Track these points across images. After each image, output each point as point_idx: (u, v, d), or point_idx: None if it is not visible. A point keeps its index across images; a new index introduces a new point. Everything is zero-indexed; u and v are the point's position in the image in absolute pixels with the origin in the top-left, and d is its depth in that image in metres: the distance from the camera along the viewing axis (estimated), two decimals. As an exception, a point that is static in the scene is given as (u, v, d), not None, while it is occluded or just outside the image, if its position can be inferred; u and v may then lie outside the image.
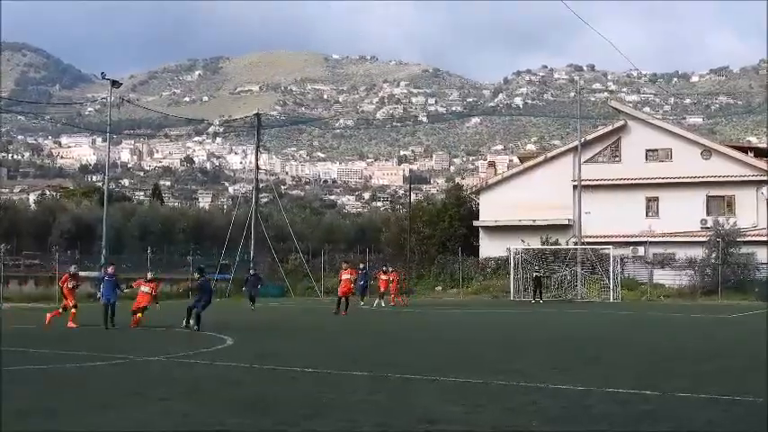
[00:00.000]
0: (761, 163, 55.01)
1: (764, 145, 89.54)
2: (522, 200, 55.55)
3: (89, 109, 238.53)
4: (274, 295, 50.21)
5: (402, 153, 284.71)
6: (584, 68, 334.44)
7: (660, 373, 14.91)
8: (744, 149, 60.13)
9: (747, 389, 12.76)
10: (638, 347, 20.09)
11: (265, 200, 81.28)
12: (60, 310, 25.88)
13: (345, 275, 34.32)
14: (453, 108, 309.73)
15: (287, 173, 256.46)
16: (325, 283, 53.27)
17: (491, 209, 58.25)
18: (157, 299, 26.38)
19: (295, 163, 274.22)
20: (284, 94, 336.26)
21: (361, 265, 42.36)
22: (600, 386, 12.96)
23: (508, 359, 17.40)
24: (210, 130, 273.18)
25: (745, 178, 53.25)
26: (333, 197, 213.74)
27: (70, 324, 24.95)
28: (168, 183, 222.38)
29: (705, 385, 13.19)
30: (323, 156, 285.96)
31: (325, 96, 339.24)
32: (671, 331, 26.04)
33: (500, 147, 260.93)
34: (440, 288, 54.93)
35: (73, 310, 25.36)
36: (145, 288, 25.86)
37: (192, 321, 23.58)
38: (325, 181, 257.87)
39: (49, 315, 25.77)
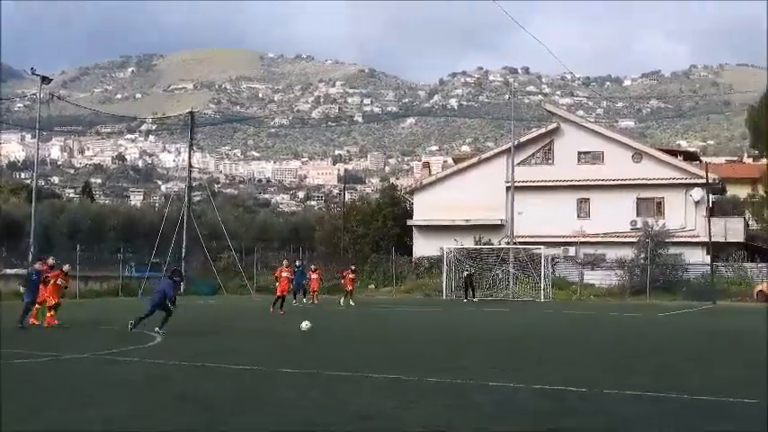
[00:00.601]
0: (690, 166, 56.09)
1: (694, 149, 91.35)
2: (456, 200, 55.86)
3: (18, 105, 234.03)
4: (206, 293, 49.81)
5: (337, 153, 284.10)
6: (519, 71, 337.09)
7: (591, 370, 15.07)
8: (674, 153, 61.24)
9: (675, 386, 12.96)
10: (570, 346, 20.31)
11: (198, 198, 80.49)
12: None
13: (285, 273, 34.19)
14: (389, 108, 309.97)
15: (221, 171, 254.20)
16: (258, 281, 53.02)
17: (425, 209, 58.49)
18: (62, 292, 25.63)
19: (229, 161, 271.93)
20: (218, 92, 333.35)
21: (297, 263, 42.13)
22: (531, 383, 13.05)
23: (441, 357, 17.45)
24: (143, 127, 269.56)
25: (675, 181, 54.21)
26: (267, 196, 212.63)
27: (46, 321, 24.40)
28: (99, 180, 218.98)
29: (634, 382, 13.35)
30: (257, 155, 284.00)
31: (260, 95, 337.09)
32: (602, 330, 26.37)
33: (435, 147, 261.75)
34: (373, 286, 54.99)
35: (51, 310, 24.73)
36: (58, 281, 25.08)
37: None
38: (260, 180, 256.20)
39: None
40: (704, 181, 52.07)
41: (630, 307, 40.02)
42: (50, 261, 26.42)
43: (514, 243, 51.97)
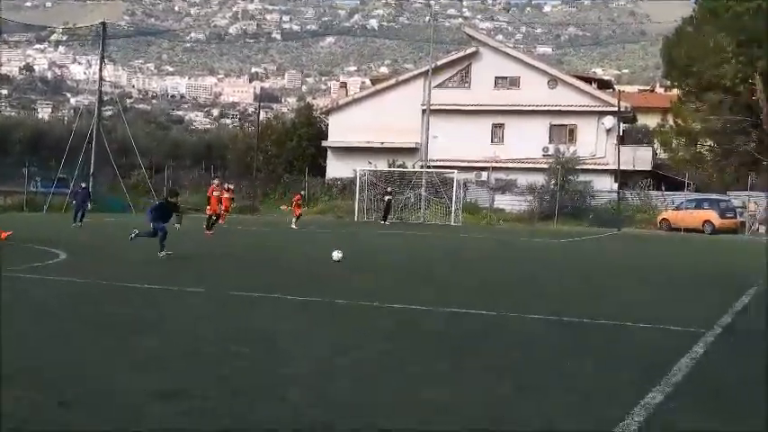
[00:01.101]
0: (603, 94, 56.76)
1: (609, 77, 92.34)
2: (372, 122, 55.70)
3: None
4: (115, 210, 48.95)
5: (254, 70, 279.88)
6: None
7: (494, 295, 15.24)
8: (588, 80, 61.92)
9: (576, 310, 13.18)
10: (477, 270, 20.52)
11: (109, 113, 78.56)
12: None
13: (216, 193, 33.74)
14: (308, 26, 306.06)
15: (133, 86, 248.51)
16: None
17: (340, 130, 58.19)
18: None
19: (142, 76, 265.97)
20: (133, 3, 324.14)
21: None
22: (437, 305, 13.13)
23: (353, 279, 17.45)
24: (53, 37, 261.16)
25: (588, 108, 54.84)
26: (180, 113, 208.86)
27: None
28: (5, 92, 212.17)
29: (537, 305, 13.53)
30: (171, 70, 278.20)
31: (177, 8, 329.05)
32: (509, 255, 26.69)
33: (353, 68, 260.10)
34: (285, 207, 54.65)
35: None
36: None
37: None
38: (173, 96, 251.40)
39: None
40: (616, 109, 52.73)
41: (539, 232, 40.62)
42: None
43: (428, 167, 52.12)
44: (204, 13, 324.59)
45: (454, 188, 48.75)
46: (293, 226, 38.12)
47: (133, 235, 20.99)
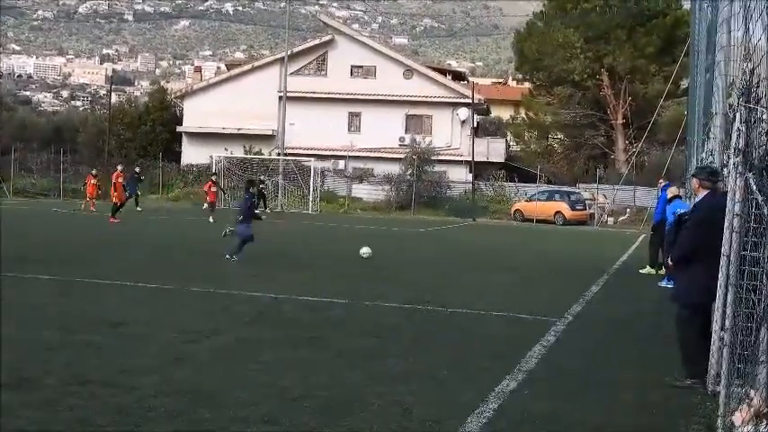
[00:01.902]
0: (458, 86, 57.67)
1: (463, 69, 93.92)
2: (228, 108, 54.99)
3: None
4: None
5: (105, 51, 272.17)
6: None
7: (353, 284, 15.31)
8: (443, 72, 62.75)
9: (430, 298, 13.37)
10: (337, 258, 20.57)
11: (-50, 91, 75.21)
12: None
13: (120, 179, 33.74)
14: (161, 9, 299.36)
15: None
16: (14, 183, 50.52)
17: (196, 115, 57.22)
18: None
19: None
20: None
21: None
22: (295, 294, 13.12)
23: (209, 266, 17.23)
24: None
25: (443, 99, 55.58)
26: (27, 93, 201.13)
27: None
28: None
29: (392, 294, 13.66)
30: (18, 48, 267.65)
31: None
32: (372, 243, 26.83)
33: (208, 52, 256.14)
34: (139, 193, 53.46)
35: None
36: None
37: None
38: (20, 75, 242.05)
39: None
40: (470, 101, 53.67)
41: (396, 221, 41.01)
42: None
43: (285, 154, 51.88)
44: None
45: (311, 176, 48.64)
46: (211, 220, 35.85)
47: (227, 231, 20.22)
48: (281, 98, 53.54)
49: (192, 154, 56.27)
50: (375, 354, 8.89)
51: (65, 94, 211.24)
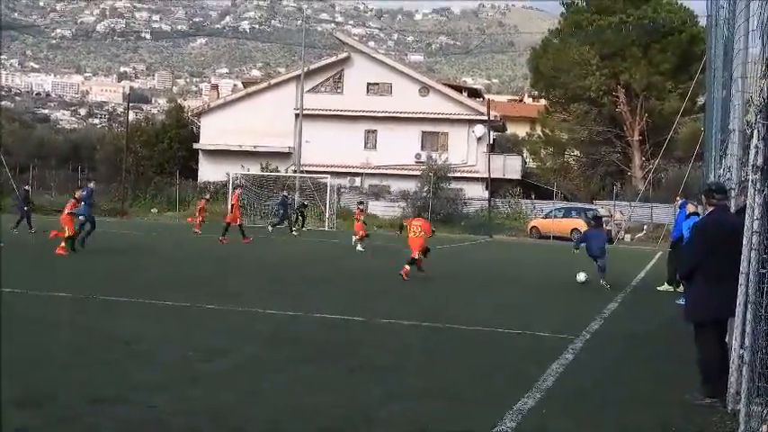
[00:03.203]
0: (474, 103, 57.71)
1: (478, 86, 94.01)
2: (245, 125, 55.21)
3: None
4: (-25, 211, 47.10)
5: (123, 69, 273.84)
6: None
7: (370, 301, 15.29)
8: (459, 89, 62.80)
9: (447, 316, 13.35)
10: (353, 275, 20.57)
11: (-30, 109, 75.86)
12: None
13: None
14: (178, 27, 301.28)
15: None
16: (34, 200, 50.71)
17: (212, 133, 57.46)
18: None
19: (5, 72, 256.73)
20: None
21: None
22: (310, 312, 13.11)
23: (225, 284, 17.25)
24: None
25: (459, 117, 55.63)
26: (46, 111, 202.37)
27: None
28: None
29: (409, 312, 13.64)
30: (36, 66, 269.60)
31: (41, 3, 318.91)
32: (388, 260, 26.81)
33: (225, 70, 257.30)
34: (155, 210, 53.78)
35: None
36: None
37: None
38: (38, 93, 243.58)
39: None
40: (486, 118, 53.68)
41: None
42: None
43: (301, 171, 51.98)
44: (70, 9, 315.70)
45: (328, 193, 48.69)
46: (197, 230, 36.30)
47: None
48: (297, 115, 53.71)
49: (208, 171, 56.48)
50: (391, 371, 8.87)
51: (82, 111, 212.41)
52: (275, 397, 7.54)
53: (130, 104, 67.23)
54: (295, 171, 52.21)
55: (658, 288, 19.22)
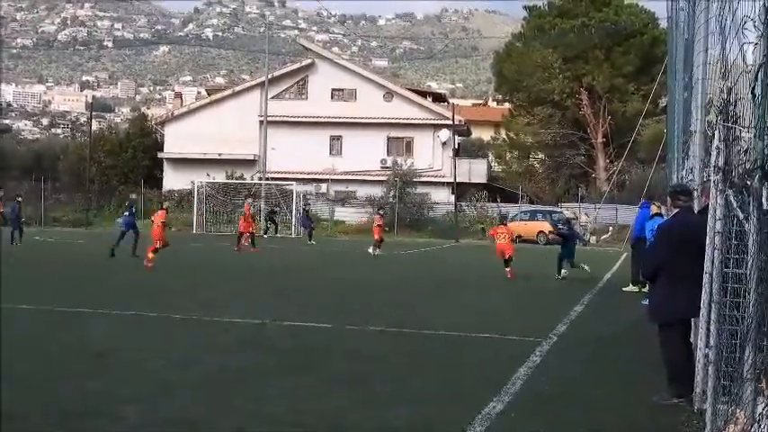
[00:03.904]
0: (438, 107, 57.83)
1: (443, 91, 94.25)
2: (209, 133, 55.00)
3: None
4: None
5: (85, 78, 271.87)
6: (276, 4, 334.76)
7: (338, 307, 15.28)
8: (423, 94, 62.92)
9: (415, 321, 13.35)
10: (321, 283, 20.53)
11: (-71, 121, 74.98)
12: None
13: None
14: (141, 35, 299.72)
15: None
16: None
17: (177, 141, 57.18)
18: None
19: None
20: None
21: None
22: (277, 319, 13.07)
23: (192, 293, 17.15)
24: None
25: (424, 121, 55.75)
26: (7, 121, 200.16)
27: None
28: None
29: (376, 318, 13.64)
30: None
31: (2, 13, 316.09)
32: (355, 266, 26.80)
33: (189, 78, 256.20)
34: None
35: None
36: None
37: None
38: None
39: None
40: (451, 122, 53.83)
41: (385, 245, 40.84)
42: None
43: (267, 179, 51.85)
44: (31, 19, 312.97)
45: (294, 200, 48.60)
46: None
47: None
48: (262, 122, 53.62)
49: (173, 180, 56.18)
50: (361, 378, 8.86)
51: (45, 121, 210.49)
52: (247, 407, 7.51)
53: (93, 114, 66.73)
54: (260, 178, 52.07)
55: (624, 289, 19.36)
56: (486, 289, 19.70)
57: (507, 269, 22.06)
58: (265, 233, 44.35)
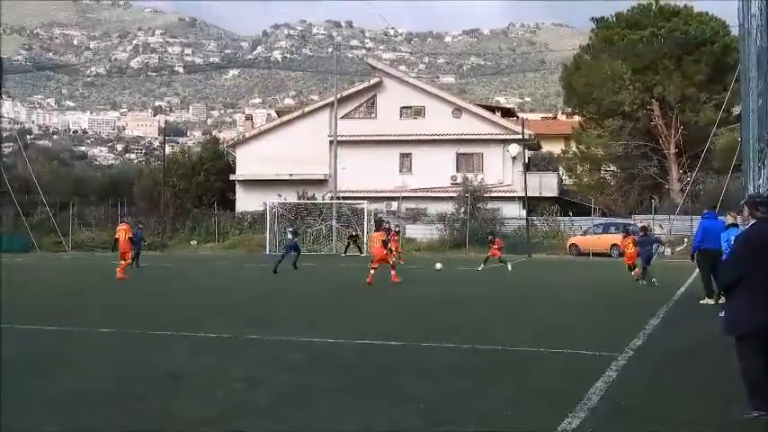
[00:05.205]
0: (507, 122, 57.67)
1: (511, 105, 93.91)
2: (280, 154, 55.55)
3: None
4: (17, 249, 47.76)
5: (157, 104, 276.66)
6: (343, 25, 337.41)
7: (410, 324, 15.28)
8: (492, 109, 62.87)
9: (489, 338, 13.29)
10: (393, 300, 20.56)
11: (8, 150, 76.98)
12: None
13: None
14: (211, 59, 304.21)
15: (33, 122, 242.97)
16: (74, 237, 51.38)
17: (248, 163, 57.93)
18: None
19: (42, 111, 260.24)
20: (30, 38, 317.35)
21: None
22: (348, 338, 13.12)
23: (264, 313, 17.32)
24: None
25: (493, 137, 55.64)
26: (83, 148, 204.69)
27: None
28: None
29: (450, 335, 13.61)
30: (72, 104, 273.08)
31: (75, 42, 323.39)
32: (427, 283, 26.77)
33: (258, 100, 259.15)
34: (195, 242, 54.18)
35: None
36: None
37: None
38: (75, 131, 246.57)
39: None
40: (521, 137, 53.60)
41: (451, 261, 40.85)
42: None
43: (338, 198, 52.17)
44: (104, 47, 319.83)
45: (365, 219, 48.80)
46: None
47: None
48: (331, 142, 54.04)
49: (246, 201, 56.89)
50: (435, 396, 8.84)
51: (119, 147, 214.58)
52: (320, 426, 7.54)
53: (166, 138, 67.98)
54: (332, 198, 52.41)
55: (700, 301, 19.04)
56: (561, 304, 19.53)
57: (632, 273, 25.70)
58: (344, 253, 44.95)
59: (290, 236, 33.27)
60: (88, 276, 29.46)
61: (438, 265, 28.29)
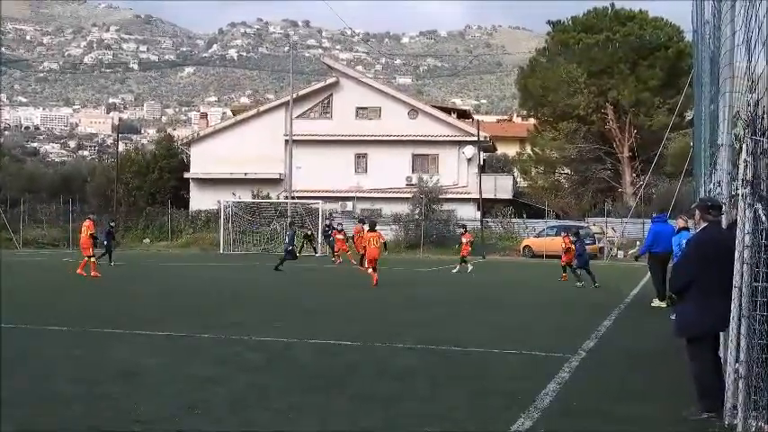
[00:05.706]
0: (463, 124, 57.92)
1: (467, 107, 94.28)
2: (235, 153, 55.28)
3: None
4: (-35, 247, 47.03)
5: (111, 101, 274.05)
6: (300, 24, 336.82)
7: (367, 325, 15.28)
8: (448, 110, 63.00)
9: (444, 338, 13.33)
10: (348, 301, 20.54)
11: (-41, 145, 75.93)
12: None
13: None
14: (166, 57, 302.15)
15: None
16: (24, 234, 50.70)
17: (203, 161, 57.51)
18: None
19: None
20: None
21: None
22: (305, 338, 13.09)
23: (221, 313, 17.21)
24: None
25: (449, 138, 55.81)
26: (35, 144, 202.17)
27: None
28: None
29: (405, 334, 13.62)
30: (25, 100, 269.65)
31: (28, 37, 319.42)
32: (382, 284, 26.73)
33: (214, 98, 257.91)
34: (148, 240, 53.72)
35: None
36: None
37: None
38: (27, 127, 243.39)
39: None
40: (476, 139, 53.83)
41: (405, 262, 40.90)
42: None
43: (292, 197, 52.02)
44: (57, 43, 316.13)
45: (319, 219, 48.68)
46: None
47: None
48: (287, 141, 53.88)
49: (200, 200, 56.49)
50: (391, 397, 8.84)
51: (72, 144, 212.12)
52: (276, 426, 7.51)
53: (120, 135, 67.36)
54: (286, 197, 52.25)
55: (652, 304, 19.25)
56: (514, 305, 19.65)
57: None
58: (299, 252, 44.36)
59: (287, 239, 33.76)
60: (40, 274, 29.05)
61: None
